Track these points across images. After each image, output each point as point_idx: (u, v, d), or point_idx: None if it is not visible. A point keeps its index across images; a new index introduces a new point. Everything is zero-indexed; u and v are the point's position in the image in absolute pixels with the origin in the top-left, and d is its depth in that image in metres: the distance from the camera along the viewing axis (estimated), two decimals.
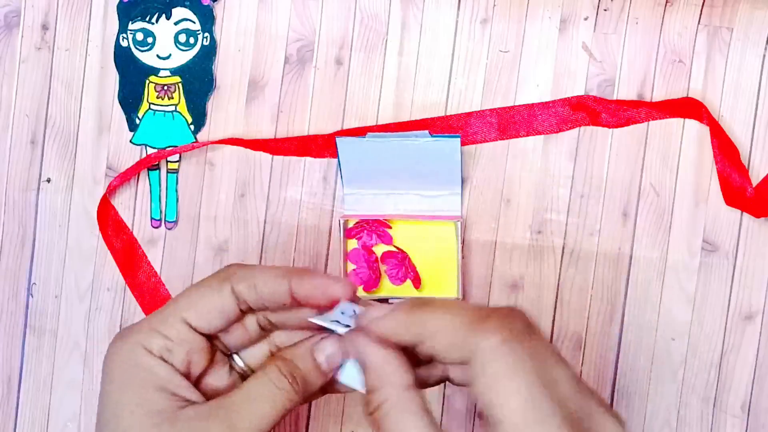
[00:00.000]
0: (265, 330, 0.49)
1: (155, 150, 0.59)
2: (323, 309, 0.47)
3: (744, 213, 0.57)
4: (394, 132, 0.57)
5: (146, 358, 0.46)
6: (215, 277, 0.47)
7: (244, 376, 0.48)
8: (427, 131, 0.57)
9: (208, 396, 0.47)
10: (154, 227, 0.59)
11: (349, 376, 0.48)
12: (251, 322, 0.49)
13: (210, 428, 0.45)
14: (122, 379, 0.46)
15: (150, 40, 0.58)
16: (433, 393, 0.57)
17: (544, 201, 0.58)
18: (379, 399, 0.44)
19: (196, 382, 0.48)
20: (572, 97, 0.58)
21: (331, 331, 0.47)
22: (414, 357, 0.45)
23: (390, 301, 0.57)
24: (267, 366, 0.47)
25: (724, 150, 0.57)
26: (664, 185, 0.57)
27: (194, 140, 0.59)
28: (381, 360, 0.45)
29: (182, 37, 0.58)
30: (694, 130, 0.57)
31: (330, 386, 0.49)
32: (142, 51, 0.58)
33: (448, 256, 0.57)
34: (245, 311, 0.47)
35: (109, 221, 0.59)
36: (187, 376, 0.47)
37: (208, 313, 0.46)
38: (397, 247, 0.57)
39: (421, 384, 0.46)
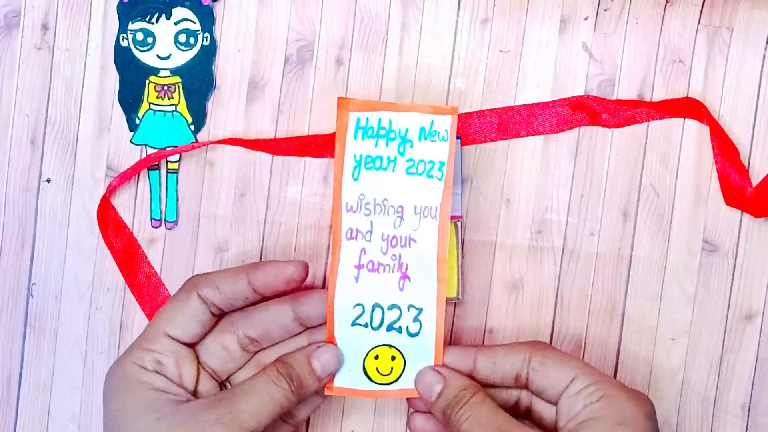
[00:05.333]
0: (247, 351, 0.54)
1: (155, 150, 0.59)
2: (282, 294, 0.52)
3: (744, 213, 0.57)
4: None
5: (142, 373, 0.51)
6: (181, 290, 0.53)
7: None
8: None
9: None
10: (154, 227, 0.59)
11: (344, 381, 0.53)
12: (232, 342, 0.53)
13: (212, 416, 0.49)
14: (122, 393, 0.51)
15: (150, 40, 0.58)
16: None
17: (544, 201, 0.58)
18: (464, 393, 0.51)
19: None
20: (572, 97, 0.58)
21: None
22: None
23: None
24: (267, 367, 0.52)
25: (724, 150, 0.57)
26: (664, 185, 0.57)
27: (194, 140, 0.59)
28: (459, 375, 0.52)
29: (182, 37, 0.58)
30: (694, 130, 0.57)
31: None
32: (142, 51, 0.58)
33: (448, 256, 0.57)
34: (217, 315, 0.53)
35: (109, 221, 0.59)
36: (183, 387, 0.52)
37: (185, 322, 0.52)
38: None
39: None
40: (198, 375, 0.52)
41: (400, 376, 0.53)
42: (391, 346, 0.53)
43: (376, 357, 0.53)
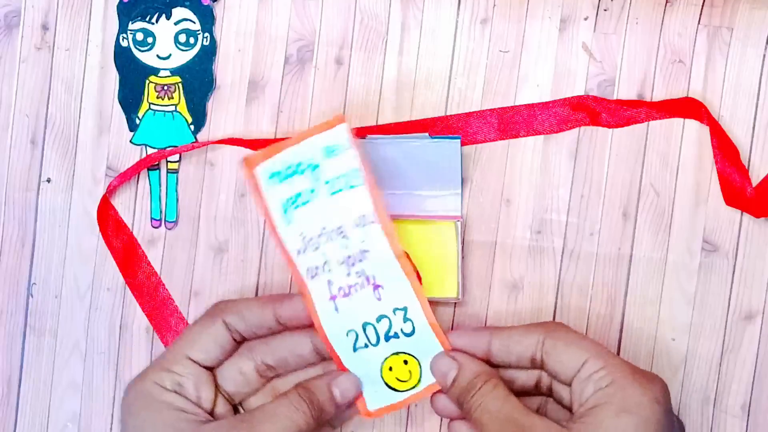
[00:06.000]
0: (263, 377, 0.54)
1: (155, 150, 0.59)
2: (305, 327, 0.53)
3: (744, 213, 0.57)
4: (395, 132, 0.57)
5: (162, 392, 0.52)
6: (207, 315, 0.54)
7: None
8: (426, 133, 0.57)
9: None
10: (154, 227, 0.59)
11: (377, 401, 0.54)
12: (249, 368, 0.54)
13: None
14: (142, 410, 0.52)
15: (150, 40, 0.58)
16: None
17: (544, 201, 0.58)
18: (476, 380, 0.51)
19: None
20: (572, 97, 0.58)
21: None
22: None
23: None
24: (289, 392, 0.53)
25: (724, 150, 0.57)
26: (664, 185, 0.57)
27: (194, 140, 0.59)
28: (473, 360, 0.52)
29: (182, 37, 0.58)
30: (694, 130, 0.57)
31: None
32: (142, 51, 0.58)
33: (448, 256, 0.57)
34: (238, 341, 0.54)
35: (109, 221, 0.59)
36: (202, 408, 0.53)
37: (207, 346, 0.53)
38: None
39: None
40: (215, 398, 0.53)
41: (421, 375, 0.53)
42: (397, 353, 0.53)
43: (390, 368, 0.53)
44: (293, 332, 0.54)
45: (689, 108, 0.57)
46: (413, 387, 0.53)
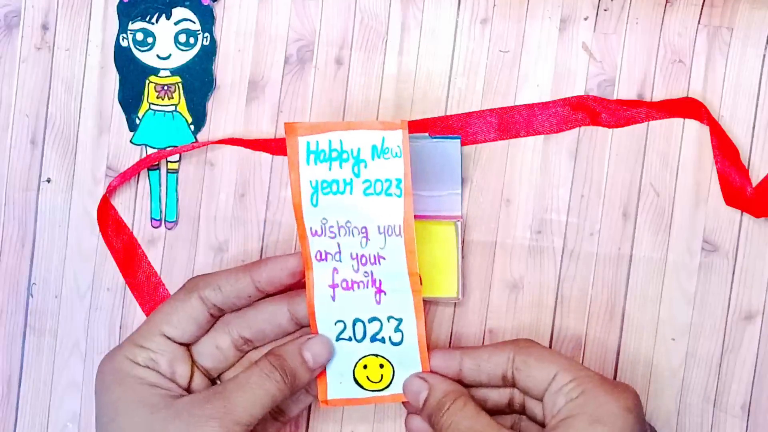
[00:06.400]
0: (240, 350, 0.54)
1: (155, 150, 0.59)
2: (287, 288, 0.53)
3: (744, 213, 0.57)
4: None
5: (134, 367, 0.52)
6: (181, 290, 0.53)
7: None
8: (426, 134, 0.57)
9: None
10: (154, 227, 0.59)
11: (338, 392, 0.54)
12: (226, 343, 0.54)
13: (206, 411, 0.50)
14: (115, 386, 0.52)
15: (150, 40, 0.58)
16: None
17: (544, 201, 0.58)
18: (445, 400, 0.51)
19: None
20: (572, 97, 0.58)
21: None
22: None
23: None
24: (260, 360, 0.52)
25: (724, 150, 0.57)
26: (664, 185, 0.57)
27: (194, 140, 0.59)
28: (444, 380, 0.53)
29: (182, 37, 0.58)
30: (694, 130, 0.57)
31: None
32: (142, 51, 0.58)
33: (448, 256, 0.57)
34: (215, 315, 0.53)
35: (109, 221, 0.59)
36: (177, 383, 0.53)
37: (182, 323, 0.52)
38: None
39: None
40: (192, 374, 0.53)
41: (391, 381, 0.54)
42: (377, 355, 0.53)
43: (365, 366, 0.54)
44: (270, 301, 0.53)
45: (689, 108, 0.57)
46: (380, 390, 0.54)
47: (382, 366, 0.54)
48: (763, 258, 0.57)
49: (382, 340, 0.53)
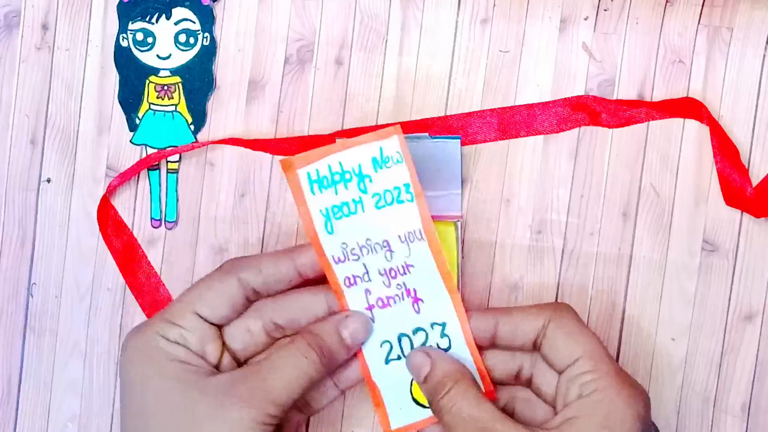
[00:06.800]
0: (271, 336, 0.52)
1: (155, 150, 0.59)
2: (321, 281, 0.51)
3: (744, 213, 0.57)
4: None
5: (164, 343, 0.50)
6: (219, 270, 0.52)
7: None
8: (426, 134, 0.57)
9: None
10: (154, 227, 0.59)
11: (401, 419, 0.52)
12: (257, 327, 0.52)
13: (243, 392, 0.48)
14: (145, 362, 0.50)
15: (150, 40, 0.58)
16: None
17: (544, 201, 0.58)
18: (446, 380, 0.50)
19: None
20: (572, 97, 0.58)
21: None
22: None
23: None
24: (296, 338, 0.50)
25: (724, 150, 0.57)
26: (664, 185, 0.57)
27: (194, 140, 0.59)
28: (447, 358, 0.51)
29: (182, 37, 0.58)
30: (694, 130, 0.57)
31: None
32: (142, 51, 0.58)
33: (448, 256, 0.57)
34: (250, 298, 0.51)
35: (109, 221, 0.59)
36: (207, 362, 0.51)
37: (217, 303, 0.51)
38: None
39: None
40: (221, 355, 0.51)
41: None
42: None
43: None
44: (308, 290, 0.52)
45: (689, 108, 0.57)
46: None
47: None
48: (763, 258, 0.57)
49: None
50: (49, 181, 0.59)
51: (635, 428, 0.48)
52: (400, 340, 0.52)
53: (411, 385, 0.53)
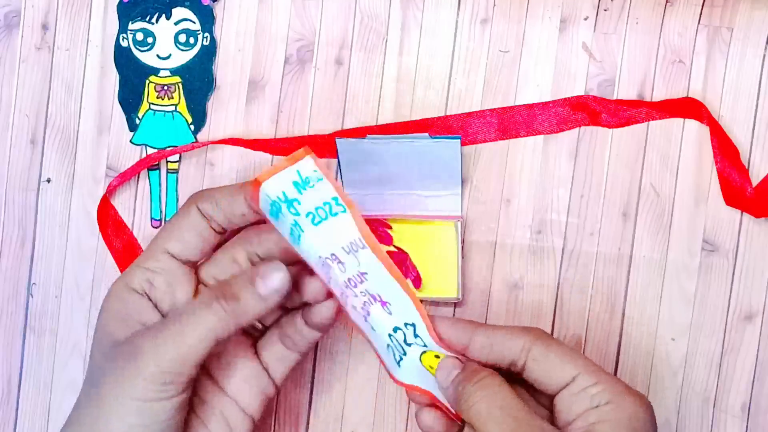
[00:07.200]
0: (255, 265, 0.50)
1: (155, 150, 0.59)
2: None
3: (744, 213, 0.57)
4: (394, 132, 0.57)
5: (125, 293, 0.49)
6: (183, 205, 0.50)
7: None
8: (426, 134, 0.57)
9: None
10: (154, 227, 0.59)
11: (409, 375, 0.50)
12: (242, 257, 0.51)
13: (137, 346, 0.47)
14: (103, 313, 0.50)
15: (150, 40, 0.58)
16: None
17: (544, 201, 0.58)
18: (479, 371, 0.48)
19: None
20: (572, 97, 0.58)
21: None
22: None
23: None
24: (203, 289, 0.50)
25: (724, 150, 0.57)
26: (664, 185, 0.58)
27: (194, 140, 0.59)
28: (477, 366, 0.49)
29: (182, 37, 0.58)
30: (694, 130, 0.57)
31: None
32: (142, 51, 0.58)
33: (448, 256, 0.57)
34: (219, 232, 0.50)
35: (109, 221, 0.59)
36: (173, 305, 0.50)
37: (185, 236, 0.49)
38: (397, 247, 0.57)
39: None
40: (195, 295, 0.50)
41: None
42: (425, 351, 0.51)
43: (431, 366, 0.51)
44: None
45: (689, 108, 0.57)
46: None
47: (438, 356, 0.51)
48: (763, 258, 0.57)
49: (414, 343, 0.51)
50: (49, 181, 0.59)
51: (653, 430, 0.48)
52: (393, 341, 0.51)
53: (421, 359, 0.51)
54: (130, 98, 0.59)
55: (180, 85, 0.58)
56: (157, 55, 0.58)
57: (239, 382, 0.51)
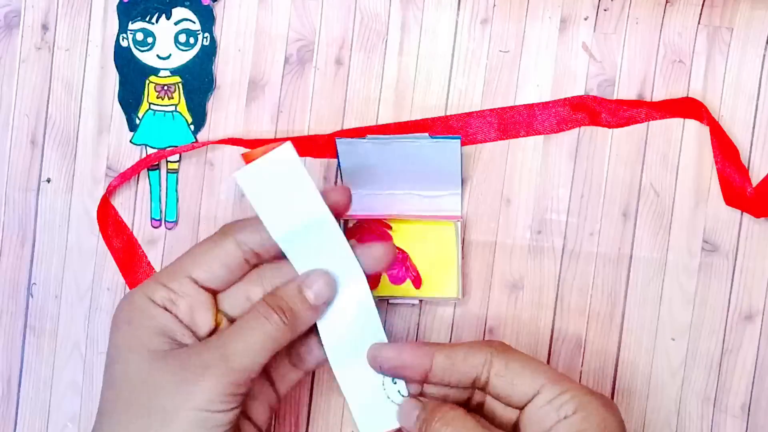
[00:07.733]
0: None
1: (155, 150, 0.59)
2: None
3: (744, 213, 0.57)
4: (394, 132, 0.57)
5: (150, 306, 0.48)
6: (216, 234, 0.50)
7: None
8: (426, 133, 0.57)
9: None
10: (154, 227, 0.59)
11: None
12: (257, 294, 0.50)
13: (202, 361, 0.47)
14: (123, 325, 0.48)
15: (150, 40, 0.58)
16: None
17: (544, 201, 0.58)
18: (441, 407, 0.48)
19: None
20: (572, 97, 0.58)
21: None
22: None
23: (390, 301, 0.57)
24: (257, 303, 0.49)
25: (724, 150, 0.57)
26: (664, 185, 0.58)
27: (194, 140, 0.59)
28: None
29: (182, 37, 0.58)
30: (694, 130, 0.57)
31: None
32: (142, 51, 0.58)
33: (448, 256, 0.57)
34: (249, 262, 0.49)
35: (109, 221, 0.59)
36: (192, 331, 0.49)
37: (213, 266, 0.49)
38: (397, 247, 0.57)
39: None
40: (216, 324, 0.49)
41: None
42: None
43: None
44: None
45: (689, 108, 0.57)
46: None
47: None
48: (763, 258, 0.57)
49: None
50: (49, 181, 0.59)
51: (623, 430, 0.48)
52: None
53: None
54: (130, 98, 0.59)
55: (180, 85, 0.58)
56: (157, 55, 0.58)
57: (250, 399, 0.51)
